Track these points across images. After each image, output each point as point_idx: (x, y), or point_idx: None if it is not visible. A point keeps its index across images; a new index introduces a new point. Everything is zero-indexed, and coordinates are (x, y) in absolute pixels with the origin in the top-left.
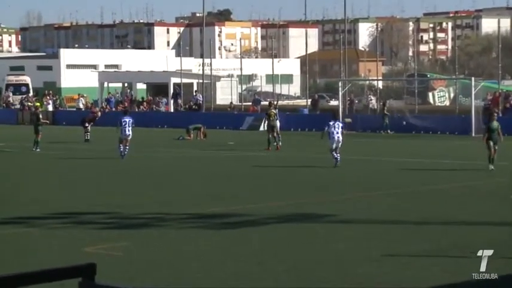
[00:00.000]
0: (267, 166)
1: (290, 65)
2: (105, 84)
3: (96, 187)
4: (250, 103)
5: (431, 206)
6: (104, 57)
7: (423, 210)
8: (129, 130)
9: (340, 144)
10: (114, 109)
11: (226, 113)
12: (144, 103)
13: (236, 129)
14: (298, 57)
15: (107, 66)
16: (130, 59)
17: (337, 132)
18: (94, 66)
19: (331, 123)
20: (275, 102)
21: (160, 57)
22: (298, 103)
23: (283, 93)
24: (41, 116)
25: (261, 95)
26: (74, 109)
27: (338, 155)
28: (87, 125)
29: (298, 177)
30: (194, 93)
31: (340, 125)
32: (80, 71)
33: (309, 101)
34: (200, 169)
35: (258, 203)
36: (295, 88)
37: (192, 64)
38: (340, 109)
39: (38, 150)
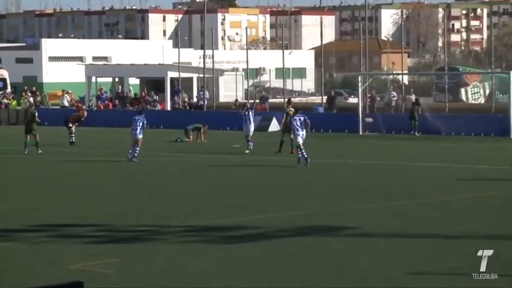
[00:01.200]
0: (277, 172)
1: (303, 58)
2: (93, 79)
3: (83, 196)
4: (257, 100)
5: (462, 218)
6: (91, 48)
7: (453, 222)
8: (139, 131)
9: (300, 139)
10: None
11: (230, 111)
12: (140, 100)
13: (242, 130)
14: (312, 49)
15: (94, 58)
16: (121, 51)
17: (301, 129)
18: (80, 59)
19: (295, 117)
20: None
21: (155, 49)
22: (312, 100)
23: (295, 90)
24: (37, 114)
25: (269, 91)
26: (58, 107)
27: (304, 151)
28: (70, 125)
29: (312, 184)
30: (200, 89)
31: (302, 118)
32: (65, 64)
33: (325, 98)
34: (201, 175)
35: (267, 213)
36: (308, 83)
37: (192, 56)
38: (360, 107)
39: (40, 151)
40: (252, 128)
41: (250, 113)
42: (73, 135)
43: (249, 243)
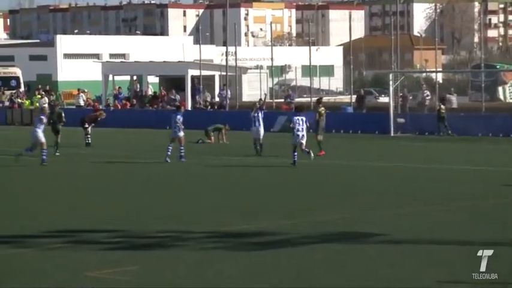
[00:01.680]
0: (303, 175)
1: (331, 54)
2: (110, 77)
3: (99, 200)
4: (282, 100)
5: (499, 224)
6: (108, 45)
7: (490, 229)
8: (179, 129)
9: (304, 141)
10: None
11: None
12: (159, 99)
13: (266, 130)
14: (340, 45)
15: (111, 55)
16: (139, 47)
17: (302, 129)
18: (97, 56)
19: (295, 118)
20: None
21: (175, 45)
22: (341, 100)
23: (323, 88)
24: (63, 114)
25: (295, 90)
26: (73, 107)
27: (306, 149)
28: (87, 125)
29: (339, 188)
30: (222, 87)
31: (304, 119)
32: (80, 62)
33: (354, 97)
34: (222, 178)
35: (293, 219)
36: (336, 82)
37: (214, 53)
38: (391, 107)
39: (57, 153)
40: (262, 130)
41: (260, 114)
42: (89, 136)
43: (274, 249)
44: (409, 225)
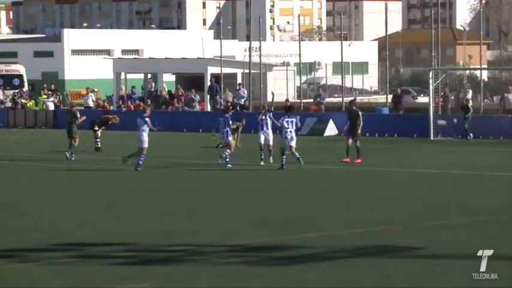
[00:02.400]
0: (329, 182)
1: (364, 50)
2: (122, 75)
3: (110, 210)
4: (311, 100)
5: None
6: (120, 40)
7: None
8: (228, 133)
9: (293, 142)
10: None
11: (280, 113)
12: (175, 100)
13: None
14: (375, 40)
15: (124, 51)
16: (154, 43)
17: (290, 131)
18: (107, 52)
19: (285, 119)
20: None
21: (194, 40)
22: (376, 100)
23: (356, 87)
24: (79, 115)
25: (326, 89)
26: (82, 108)
27: (296, 153)
28: (96, 128)
29: (372, 196)
30: (238, 86)
31: (294, 120)
32: (90, 58)
33: (390, 97)
34: (241, 187)
35: (321, 231)
36: (371, 80)
37: (236, 49)
38: (431, 108)
39: (73, 158)
40: (271, 134)
41: (268, 116)
42: (98, 140)
43: (301, 265)
44: (452, 238)
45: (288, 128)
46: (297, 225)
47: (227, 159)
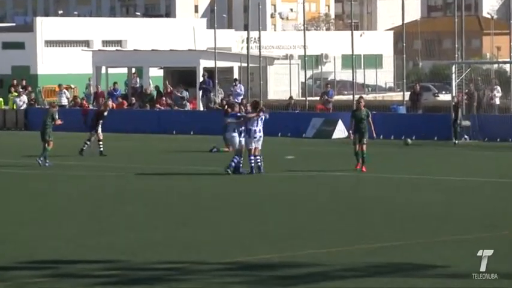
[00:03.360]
0: (343, 192)
1: (378, 41)
2: (103, 70)
3: (91, 221)
4: (317, 98)
5: None
6: (100, 29)
7: None
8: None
9: (260, 143)
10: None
11: (282, 113)
12: (163, 98)
13: (297, 136)
14: (390, 29)
15: (105, 43)
16: (139, 33)
17: (260, 130)
18: (86, 43)
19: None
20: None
21: (184, 30)
22: (391, 98)
23: (368, 83)
24: (57, 117)
25: (334, 85)
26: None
27: (259, 158)
28: (99, 128)
29: (385, 207)
30: (234, 83)
31: (263, 118)
32: (66, 51)
33: (407, 94)
34: (239, 197)
35: (330, 246)
36: (385, 75)
37: (232, 40)
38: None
39: (47, 163)
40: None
41: (260, 118)
42: (101, 143)
43: (309, 284)
44: (476, 255)
45: (255, 127)
46: (302, 239)
47: (238, 165)
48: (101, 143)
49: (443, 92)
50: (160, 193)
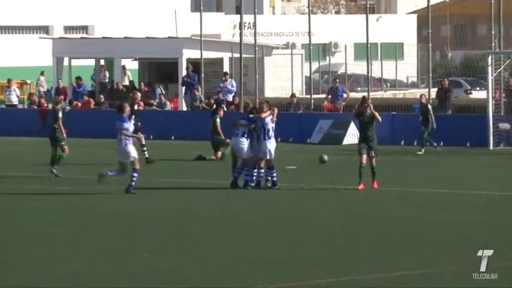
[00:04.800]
0: (355, 209)
1: (399, 27)
2: (65, 62)
3: (52, 246)
4: (325, 95)
5: None
6: (63, 13)
7: None
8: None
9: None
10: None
11: (282, 113)
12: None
13: (301, 142)
14: (413, 12)
15: (68, 29)
16: (109, 17)
17: (246, 136)
18: (45, 30)
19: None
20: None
21: (163, 14)
22: (414, 95)
23: (387, 78)
24: (60, 115)
25: (345, 80)
26: (3, 106)
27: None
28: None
29: (413, 229)
30: (223, 78)
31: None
32: (20, 38)
33: (434, 91)
34: (234, 216)
35: (340, 275)
36: (407, 68)
37: (222, 25)
38: (490, 106)
39: (54, 172)
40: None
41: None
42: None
43: None
44: None
45: (238, 131)
46: (306, 266)
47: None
48: (145, 148)
49: (477, 89)
50: (134, 213)
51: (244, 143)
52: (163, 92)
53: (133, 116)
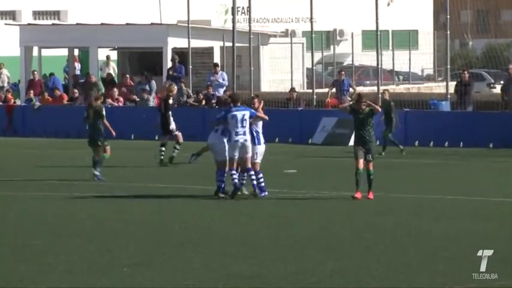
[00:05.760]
0: (365, 221)
1: (413, 12)
2: (35, 51)
3: (18, 260)
4: (327, 89)
5: None
6: None
7: None
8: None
9: (249, 154)
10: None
11: (281, 110)
12: (114, 90)
13: (302, 142)
14: None
15: (37, 14)
16: (84, 1)
17: (243, 133)
18: (12, 15)
19: (232, 113)
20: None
21: None
22: (430, 89)
23: (399, 70)
24: (104, 112)
25: (352, 72)
26: None
27: (254, 175)
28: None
29: (429, 242)
30: (213, 70)
31: (249, 114)
32: None
33: (452, 85)
34: (227, 227)
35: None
36: (423, 59)
37: (212, 9)
38: None
39: (98, 176)
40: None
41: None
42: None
43: None
44: None
45: (237, 127)
46: (308, 283)
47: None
48: (178, 147)
49: (501, 82)
50: (116, 222)
51: (225, 142)
52: (148, 86)
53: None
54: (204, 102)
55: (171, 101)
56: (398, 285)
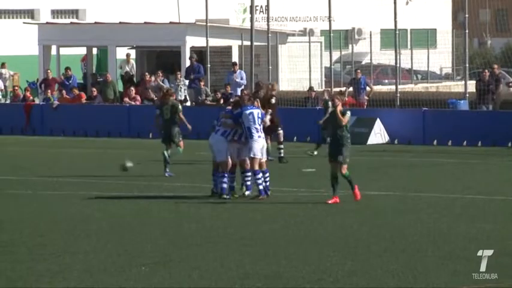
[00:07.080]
0: (383, 220)
1: (431, 11)
2: (53, 50)
3: (35, 260)
4: (344, 88)
5: None
6: None
7: None
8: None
9: (265, 153)
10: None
11: (299, 109)
12: (131, 90)
13: (314, 141)
14: None
15: (56, 13)
16: (102, 0)
17: (261, 130)
18: (30, 14)
19: (249, 109)
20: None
21: None
22: (449, 88)
23: (418, 69)
24: (180, 107)
25: (371, 71)
26: None
27: (264, 181)
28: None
29: (451, 242)
30: (232, 69)
31: (261, 113)
32: (3, 24)
33: (471, 84)
34: (242, 227)
35: None
36: (441, 58)
37: (231, 9)
38: None
39: (168, 173)
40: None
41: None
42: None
43: None
44: None
45: (254, 125)
46: (326, 282)
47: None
48: (281, 146)
49: None
50: (133, 221)
51: (225, 143)
52: (167, 82)
53: (269, 110)
54: (221, 101)
55: (273, 100)
56: (416, 285)
